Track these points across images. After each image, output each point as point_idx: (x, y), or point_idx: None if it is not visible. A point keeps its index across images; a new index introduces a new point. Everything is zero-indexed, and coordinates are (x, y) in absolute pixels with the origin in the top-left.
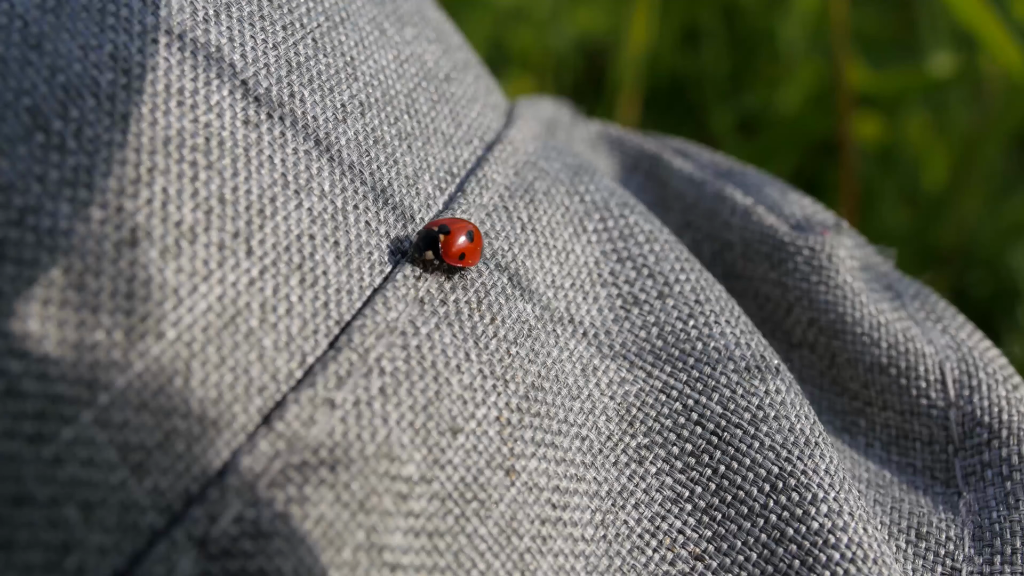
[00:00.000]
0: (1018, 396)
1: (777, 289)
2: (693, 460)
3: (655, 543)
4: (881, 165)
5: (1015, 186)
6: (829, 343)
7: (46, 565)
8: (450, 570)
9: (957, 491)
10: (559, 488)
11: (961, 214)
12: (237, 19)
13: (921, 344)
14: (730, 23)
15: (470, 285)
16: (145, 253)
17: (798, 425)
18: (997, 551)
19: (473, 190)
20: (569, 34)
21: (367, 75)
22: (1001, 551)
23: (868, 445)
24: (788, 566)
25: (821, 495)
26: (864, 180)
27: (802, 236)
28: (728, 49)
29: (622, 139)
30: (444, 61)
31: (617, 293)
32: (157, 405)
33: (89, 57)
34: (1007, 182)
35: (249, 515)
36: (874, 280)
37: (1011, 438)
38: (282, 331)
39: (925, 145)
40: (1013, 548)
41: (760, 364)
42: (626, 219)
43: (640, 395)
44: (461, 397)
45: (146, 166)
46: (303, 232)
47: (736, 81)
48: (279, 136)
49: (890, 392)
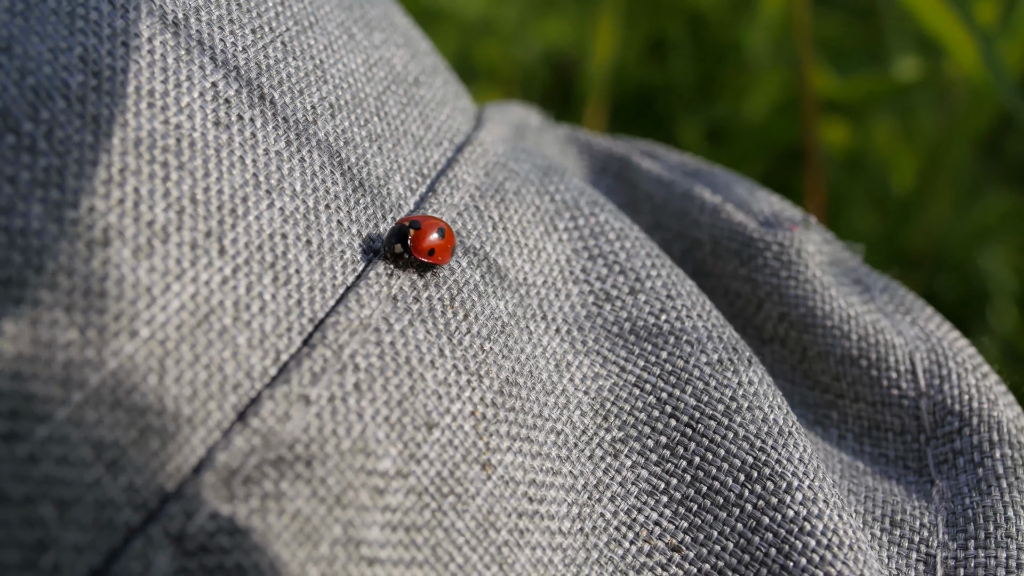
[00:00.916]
0: (987, 384)
1: (747, 285)
2: (668, 452)
3: (632, 535)
4: (849, 170)
5: (982, 188)
6: (800, 337)
7: (22, 564)
8: (428, 564)
9: (930, 479)
10: (535, 482)
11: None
12: (206, 22)
13: (891, 335)
14: (695, 34)
15: (443, 282)
16: (118, 253)
17: (771, 415)
18: (971, 536)
19: (444, 190)
20: (536, 46)
21: (337, 78)
22: (975, 536)
23: (841, 437)
24: (765, 554)
25: (796, 483)
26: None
27: (771, 232)
28: (693, 59)
29: (591, 142)
30: (412, 65)
31: (589, 290)
32: (131, 403)
33: (59, 59)
34: (974, 185)
35: (225, 511)
36: (843, 274)
37: (982, 425)
38: (256, 329)
39: (892, 150)
40: (987, 533)
41: (732, 356)
42: (596, 217)
43: (614, 389)
44: (436, 392)
45: (117, 167)
46: (275, 231)
47: (702, 90)
48: (250, 137)
49: (861, 384)
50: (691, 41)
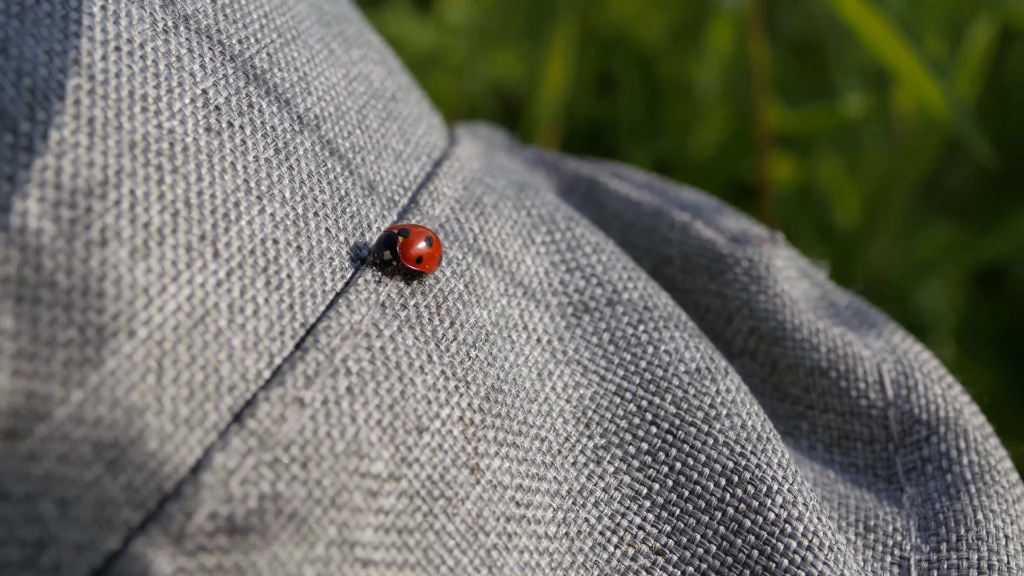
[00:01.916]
0: (953, 394)
1: (717, 300)
2: (649, 459)
3: (616, 539)
4: (796, 205)
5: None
6: (770, 350)
7: (23, 561)
8: (420, 566)
9: (900, 487)
10: (522, 487)
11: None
12: (195, 31)
13: (859, 348)
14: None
15: (428, 291)
16: (115, 253)
17: (749, 422)
18: (943, 539)
19: (426, 202)
20: (485, 79)
21: (320, 90)
22: (947, 539)
23: (811, 447)
24: (747, 556)
25: (776, 487)
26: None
27: (740, 248)
28: (642, 94)
29: (557, 163)
30: (389, 82)
31: (568, 301)
32: (130, 402)
33: (54, 62)
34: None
35: (223, 511)
36: (810, 289)
37: (949, 433)
38: (250, 331)
39: (837, 185)
40: (958, 535)
41: (710, 366)
42: (572, 231)
43: (595, 398)
44: (425, 397)
45: (113, 169)
46: (267, 236)
47: (651, 125)
48: (240, 144)
49: (831, 394)
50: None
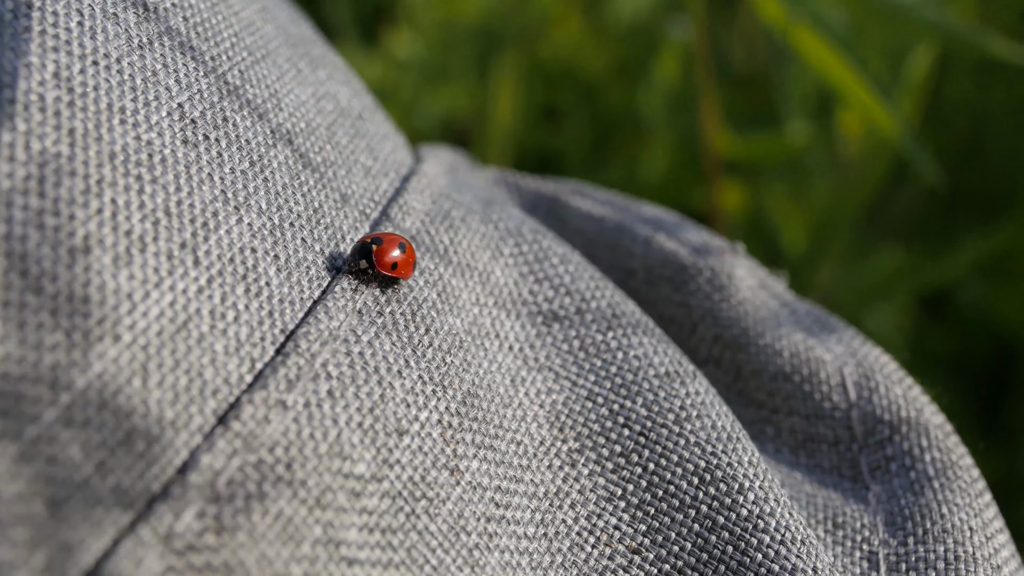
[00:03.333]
0: (913, 395)
1: (681, 310)
2: (623, 460)
3: (593, 540)
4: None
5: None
6: (734, 357)
7: (14, 561)
8: (404, 565)
9: (865, 485)
10: (500, 488)
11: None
12: (169, 48)
13: (820, 352)
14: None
15: (403, 299)
16: (98, 260)
17: (719, 422)
18: (910, 533)
19: (396, 215)
20: (433, 112)
21: (290, 107)
22: (913, 532)
23: (777, 451)
24: (722, 551)
25: (747, 484)
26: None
27: (703, 259)
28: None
29: (519, 183)
30: (355, 102)
31: (538, 311)
32: (117, 405)
33: (33, 75)
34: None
35: (211, 511)
36: (771, 298)
37: (911, 432)
38: (232, 337)
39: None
40: (924, 529)
41: (679, 369)
42: (539, 243)
43: (567, 403)
44: (404, 400)
45: (95, 178)
46: (245, 245)
47: (597, 154)
48: (216, 156)
49: (795, 398)
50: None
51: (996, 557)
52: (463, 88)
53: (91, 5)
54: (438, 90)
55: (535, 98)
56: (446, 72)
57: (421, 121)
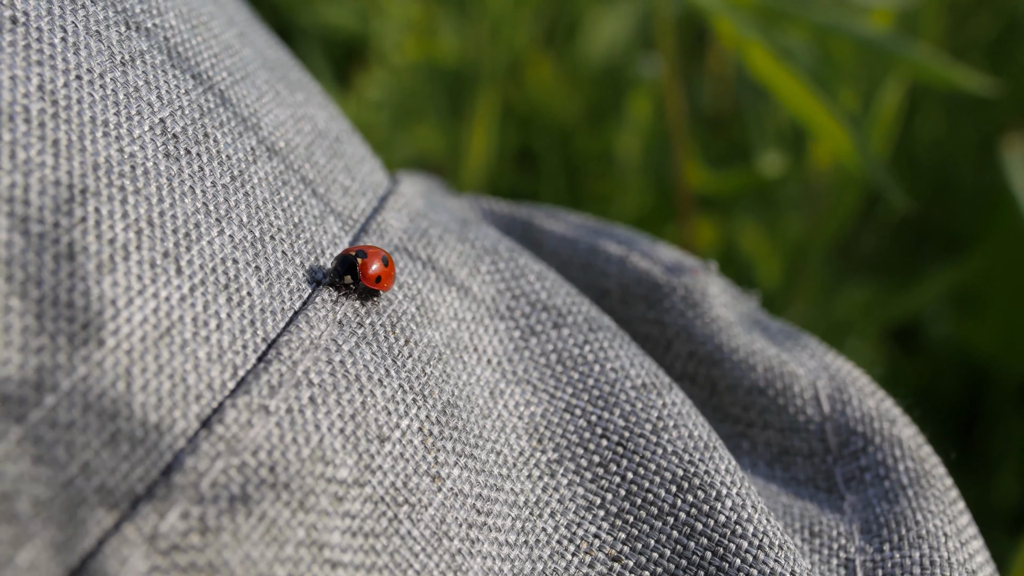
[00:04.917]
0: (886, 407)
1: (656, 328)
2: (602, 470)
3: (573, 548)
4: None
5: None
6: (709, 372)
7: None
8: (388, 569)
9: (840, 496)
10: (482, 495)
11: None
12: (151, 65)
13: (794, 366)
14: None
15: (383, 311)
16: (83, 266)
17: (696, 432)
18: (885, 540)
19: (375, 231)
20: (407, 152)
21: (270, 126)
22: (889, 539)
23: (753, 464)
24: (701, 557)
25: (725, 491)
26: None
27: (676, 277)
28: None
29: (492, 207)
30: (333, 124)
31: (515, 326)
32: (101, 407)
33: (18, 88)
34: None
35: (195, 512)
36: (744, 315)
37: (884, 443)
38: (214, 344)
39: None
40: (900, 536)
41: (655, 381)
42: (516, 261)
43: (546, 415)
44: (385, 408)
45: (79, 187)
46: (227, 256)
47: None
48: (198, 170)
49: (769, 412)
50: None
51: (971, 562)
52: (436, 129)
53: (75, 23)
54: (411, 131)
55: (508, 140)
56: (419, 113)
57: (395, 162)
